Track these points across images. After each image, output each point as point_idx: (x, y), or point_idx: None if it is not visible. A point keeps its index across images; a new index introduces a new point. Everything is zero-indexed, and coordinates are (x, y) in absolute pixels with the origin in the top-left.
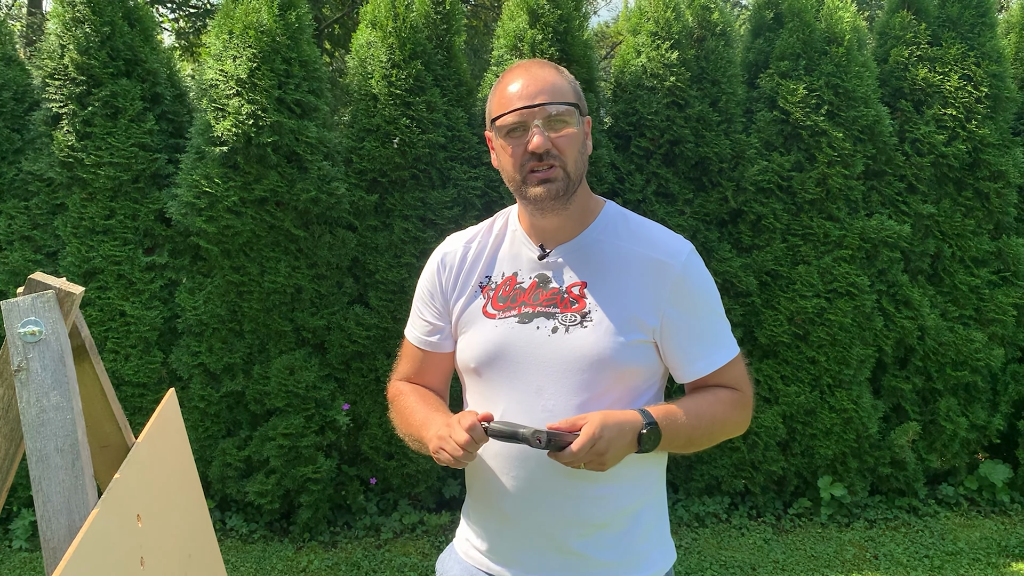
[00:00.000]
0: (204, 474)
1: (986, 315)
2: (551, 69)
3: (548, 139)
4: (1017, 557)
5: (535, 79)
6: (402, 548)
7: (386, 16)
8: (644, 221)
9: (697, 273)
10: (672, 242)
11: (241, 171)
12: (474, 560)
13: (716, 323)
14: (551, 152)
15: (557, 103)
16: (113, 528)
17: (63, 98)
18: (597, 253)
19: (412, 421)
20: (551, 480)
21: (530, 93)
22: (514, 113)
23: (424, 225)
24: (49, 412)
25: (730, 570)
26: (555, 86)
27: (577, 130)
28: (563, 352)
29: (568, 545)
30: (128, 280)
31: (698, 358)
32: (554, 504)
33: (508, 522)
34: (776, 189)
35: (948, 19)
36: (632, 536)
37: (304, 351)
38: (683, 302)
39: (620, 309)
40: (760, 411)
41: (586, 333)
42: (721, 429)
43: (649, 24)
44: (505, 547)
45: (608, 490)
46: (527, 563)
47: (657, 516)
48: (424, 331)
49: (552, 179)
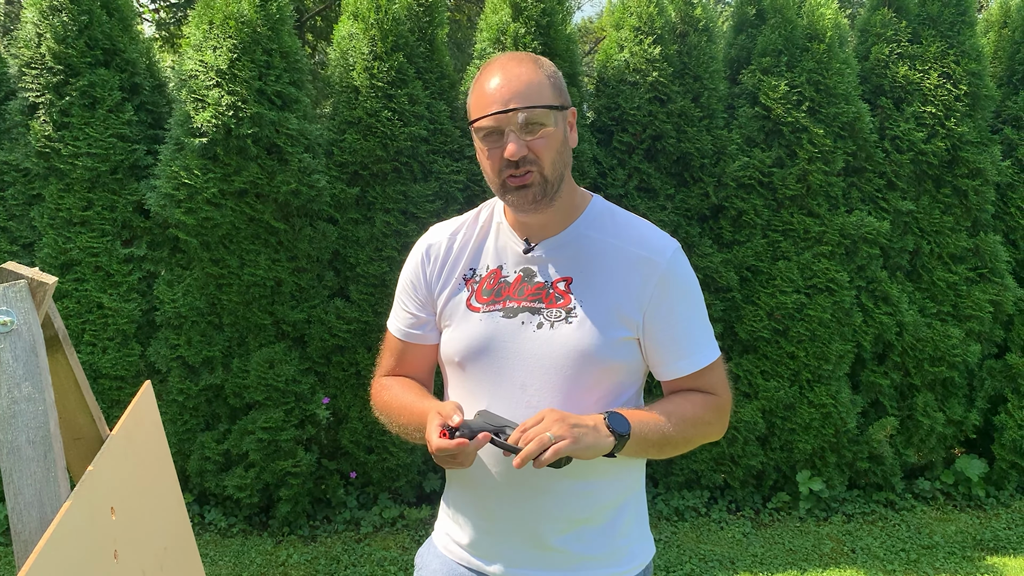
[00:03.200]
0: (183, 468)
1: (963, 311)
2: (529, 65)
3: (524, 144)
4: (991, 550)
5: (510, 80)
6: (382, 542)
7: (368, 8)
8: (631, 217)
9: (682, 271)
10: (658, 239)
11: (221, 163)
12: (454, 554)
13: (699, 323)
14: (527, 158)
15: (532, 107)
16: (85, 521)
17: (40, 87)
18: (583, 249)
19: (397, 404)
20: (533, 475)
21: (503, 97)
22: (489, 118)
23: (406, 218)
24: (21, 403)
25: (709, 564)
26: (531, 87)
27: (555, 129)
28: (548, 348)
29: (549, 540)
30: (106, 272)
31: (679, 357)
32: (535, 499)
33: (489, 517)
34: (757, 185)
35: (928, 17)
36: (613, 531)
37: (284, 344)
38: (667, 300)
39: (605, 305)
40: (740, 406)
41: (571, 329)
42: (696, 435)
43: (632, 19)
44: (486, 542)
45: (590, 485)
46: (507, 558)
47: (637, 510)
48: (407, 323)
49: (529, 184)
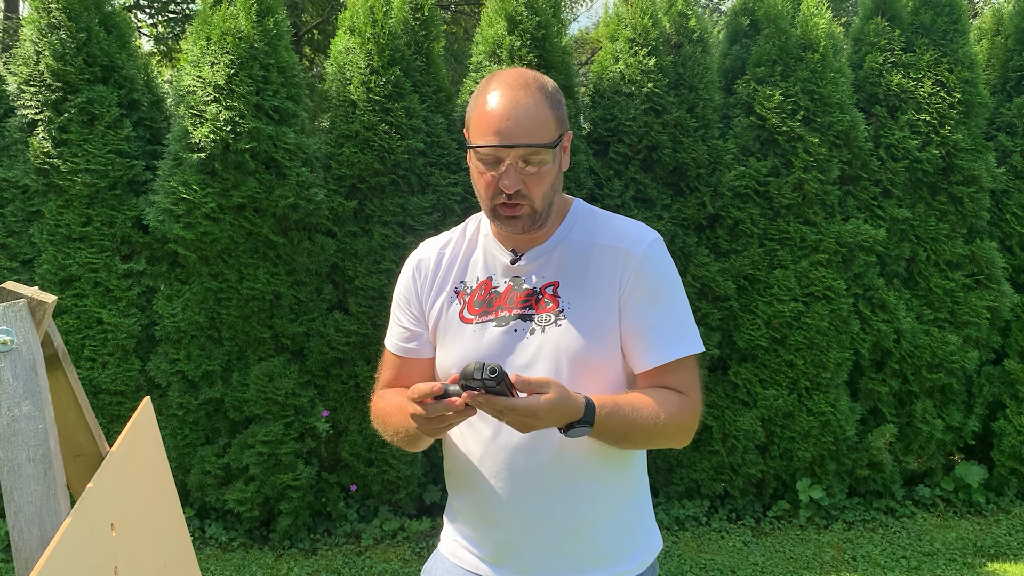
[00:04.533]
0: (183, 482)
1: (960, 318)
2: (535, 95)
3: (520, 179)
4: (992, 557)
5: (516, 111)
6: (383, 555)
7: (364, 22)
8: (611, 215)
9: (658, 261)
10: (636, 231)
11: (219, 177)
12: (463, 561)
13: (674, 315)
14: (520, 192)
15: (535, 145)
16: (85, 538)
17: (39, 104)
18: (567, 252)
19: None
20: (540, 481)
21: (510, 131)
22: (490, 148)
23: (404, 231)
24: (21, 422)
25: (710, 573)
26: (539, 123)
27: (552, 164)
28: (542, 352)
29: (555, 543)
30: (105, 287)
31: (648, 348)
32: (543, 505)
33: (497, 524)
34: (753, 194)
35: (921, 26)
36: (618, 530)
37: (283, 358)
38: (638, 288)
39: (591, 305)
40: (739, 414)
41: (561, 332)
42: (662, 432)
43: (627, 31)
44: (494, 548)
45: (596, 488)
46: (515, 562)
47: (641, 507)
48: (402, 338)
49: (518, 216)
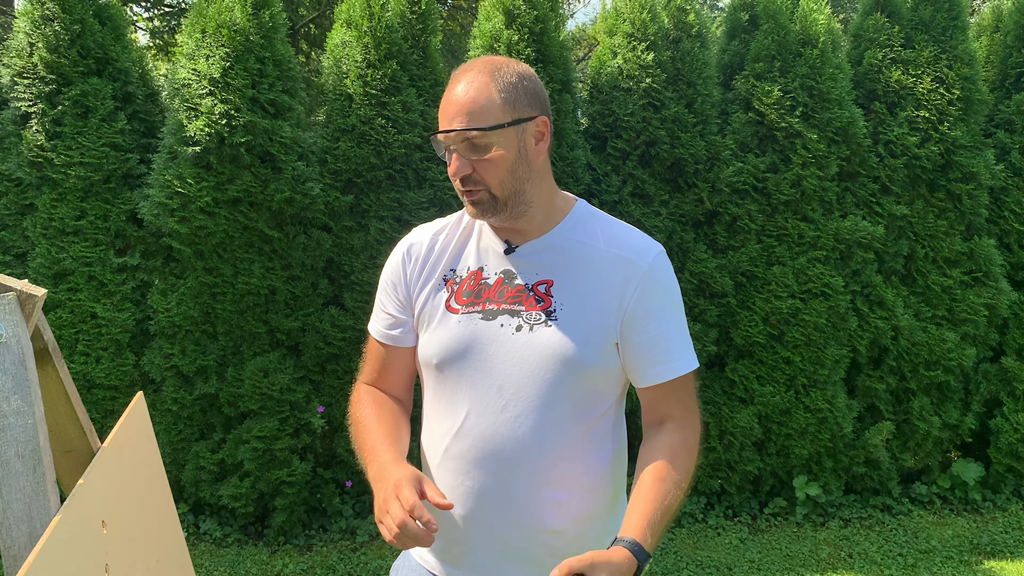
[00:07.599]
0: (177, 478)
1: (958, 315)
2: (484, 81)
3: (468, 163)
4: (989, 554)
5: (459, 96)
6: (378, 551)
7: (361, 16)
8: (614, 221)
9: (663, 275)
10: (641, 242)
11: (214, 171)
12: (426, 562)
13: (677, 330)
14: (471, 177)
15: (475, 128)
16: (76, 535)
17: (32, 97)
18: (564, 251)
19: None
20: (508, 484)
21: (449, 114)
22: (439, 134)
23: (400, 226)
24: (9, 417)
25: (706, 570)
26: (477, 105)
27: (506, 149)
28: (527, 351)
29: (519, 549)
30: (99, 282)
31: (656, 363)
32: (510, 509)
33: (462, 526)
34: (751, 190)
35: (921, 22)
36: (586, 541)
37: (278, 353)
38: (646, 302)
39: (586, 309)
40: (736, 411)
41: (550, 333)
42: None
43: (625, 26)
44: (456, 550)
45: (565, 495)
46: (478, 567)
47: (615, 521)
48: (386, 324)
49: (477, 201)
